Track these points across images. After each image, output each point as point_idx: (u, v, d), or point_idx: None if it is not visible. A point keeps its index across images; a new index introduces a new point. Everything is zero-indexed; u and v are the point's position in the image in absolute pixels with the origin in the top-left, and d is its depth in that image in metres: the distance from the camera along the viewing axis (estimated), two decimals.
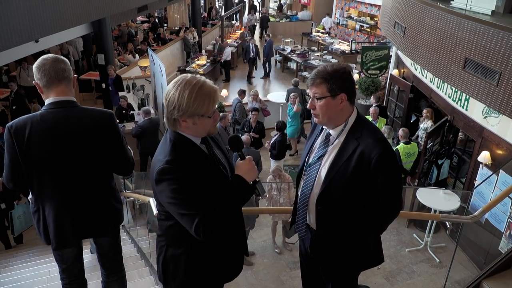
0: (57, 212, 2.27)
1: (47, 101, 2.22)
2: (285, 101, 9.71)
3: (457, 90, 5.90)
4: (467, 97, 5.79)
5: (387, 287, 4.93)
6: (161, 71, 8.59)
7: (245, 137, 6.85)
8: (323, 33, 17.76)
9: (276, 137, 7.62)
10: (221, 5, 23.53)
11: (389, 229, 6.06)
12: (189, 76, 1.74)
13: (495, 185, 5.08)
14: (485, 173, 5.44)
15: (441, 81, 6.48)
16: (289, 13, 21.97)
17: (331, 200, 1.99)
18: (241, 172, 1.81)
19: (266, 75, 14.42)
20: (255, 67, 14.51)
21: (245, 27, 17.15)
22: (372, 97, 9.17)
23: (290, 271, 5.17)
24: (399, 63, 9.31)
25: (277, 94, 10.90)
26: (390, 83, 9.39)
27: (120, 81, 9.83)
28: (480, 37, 4.25)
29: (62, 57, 2.26)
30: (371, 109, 8.07)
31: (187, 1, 17.96)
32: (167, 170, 1.67)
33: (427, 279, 5.13)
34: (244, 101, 9.25)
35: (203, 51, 15.28)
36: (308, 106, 2.00)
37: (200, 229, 1.66)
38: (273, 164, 7.69)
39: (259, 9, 23.32)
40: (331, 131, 2.01)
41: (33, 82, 2.24)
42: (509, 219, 4.85)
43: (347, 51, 14.81)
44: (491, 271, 3.00)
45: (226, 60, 13.53)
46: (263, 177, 7.23)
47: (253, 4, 22.57)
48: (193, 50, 14.98)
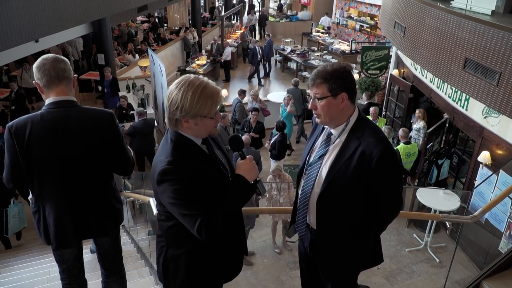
0: (57, 212, 2.27)
1: (47, 101, 2.22)
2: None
3: (457, 90, 5.90)
4: (467, 97, 5.79)
5: (387, 287, 4.93)
6: (161, 71, 8.60)
7: (245, 137, 6.85)
8: (323, 33, 17.76)
9: (276, 137, 7.62)
10: (221, 5, 23.52)
11: (389, 229, 6.10)
12: (192, 76, 1.73)
13: (495, 185, 5.08)
14: (485, 173, 5.44)
15: (441, 81, 6.48)
16: (289, 13, 21.98)
17: (331, 199, 1.99)
18: (242, 171, 1.81)
19: (266, 75, 14.42)
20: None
21: (245, 27, 17.13)
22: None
23: (290, 271, 5.16)
24: (399, 63, 9.31)
25: (277, 94, 10.91)
26: (390, 83, 9.39)
27: (116, 84, 9.68)
28: (480, 37, 4.25)
29: (62, 57, 2.26)
30: (371, 109, 8.06)
31: (187, 1, 17.96)
32: (169, 170, 1.67)
33: (427, 279, 5.13)
34: (244, 101, 9.25)
35: (203, 51, 15.28)
36: (309, 106, 1.99)
37: (202, 229, 1.66)
38: (273, 164, 7.69)
39: (259, 8, 23.31)
40: (333, 131, 2.01)
41: (33, 82, 2.24)
42: (509, 219, 4.85)
43: (347, 51, 14.82)
44: (491, 271, 3.00)
45: (226, 60, 13.54)
46: (263, 177, 7.23)
47: (252, 3, 22.52)
48: (193, 50, 14.99)
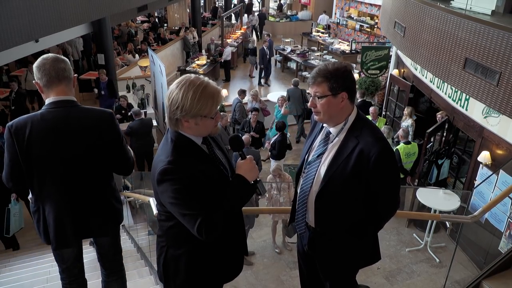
0: (57, 212, 2.27)
1: (47, 101, 2.22)
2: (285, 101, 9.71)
3: (457, 90, 5.90)
4: (467, 97, 5.79)
5: (387, 287, 4.93)
6: (161, 71, 8.60)
7: (245, 137, 6.86)
8: (323, 33, 17.76)
9: (276, 137, 7.63)
10: (221, 4, 23.52)
11: (389, 229, 6.11)
12: (192, 76, 1.73)
13: (495, 185, 5.08)
14: (485, 173, 5.44)
15: (441, 81, 6.48)
16: (289, 13, 21.98)
17: (330, 197, 2.00)
18: (242, 171, 1.81)
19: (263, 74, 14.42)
20: (256, 66, 14.51)
21: (248, 27, 17.13)
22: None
23: (290, 271, 5.16)
24: (399, 63, 9.31)
25: (277, 94, 10.88)
26: (390, 83, 9.39)
27: (112, 86, 9.52)
28: (480, 37, 4.25)
29: (62, 57, 2.26)
30: (371, 109, 8.07)
31: (187, 1, 17.95)
32: (169, 170, 1.67)
33: (427, 279, 5.13)
34: (244, 101, 9.25)
35: (203, 51, 15.28)
36: (309, 104, 2.00)
37: (202, 229, 1.66)
38: (273, 164, 7.69)
39: (259, 8, 23.30)
40: (331, 129, 2.01)
41: (33, 81, 2.24)
42: (509, 219, 4.85)
43: (347, 51, 14.83)
44: (491, 271, 3.01)
45: (226, 60, 13.53)
46: (263, 176, 7.23)
47: (251, 2, 22.44)
48: (193, 50, 14.99)
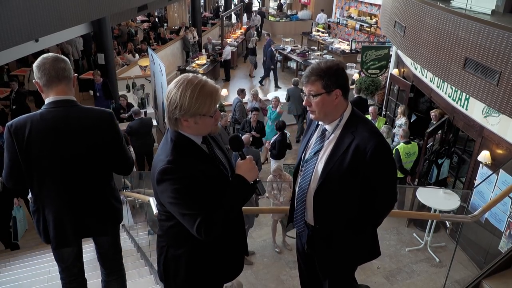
0: (57, 211, 2.27)
1: (47, 100, 2.22)
2: (285, 101, 9.71)
3: (457, 89, 5.90)
4: (467, 96, 5.79)
5: (387, 286, 4.93)
6: (161, 70, 8.60)
7: (245, 137, 6.85)
8: (323, 32, 17.76)
9: (276, 136, 7.63)
10: (221, 4, 23.50)
11: (389, 228, 6.11)
12: (190, 75, 1.74)
13: (495, 185, 5.08)
14: (485, 173, 5.44)
15: (441, 80, 6.48)
16: (289, 13, 21.96)
17: (328, 194, 2.01)
18: (242, 171, 1.81)
19: (266, 75, 14.40)
20: (256, 65, 14.50)
21: (252, 27, 17.17)
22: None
23: (290, 271, 5.16)
24: (399, 63, 9.30)
25: (277, 93, 10.91)
26: (390, 83, 9.38)
27: (107, 87, 9.39)
28: (480, 37, 4.25)
29: (62, 56, 2.26)
30: (371, 108, 8.08)
31: (187, 0, 17.95)
32: (169, 170, 1.67)
33: (427, 279, 5.13)
34: (244, 101, 9.25)
35: (203, 51, 15.28)
36: (304, 103, 2.03)
37: (202, 229, 1.66)
38: (273, 163, 7.69)
39: (259, 7, 23.27)
40: (327, 126, 2.04)
41: (33, 81, 2.24)
42: (509, 219, 4.85)
43: (347, 51, 14.81)
44: (491, 270, 3.00)
45: (226, 59, 13.51)
46: (264, 176, 7.22)
47: (250, 2, 22.40)
48: (192, 49, 14.98)
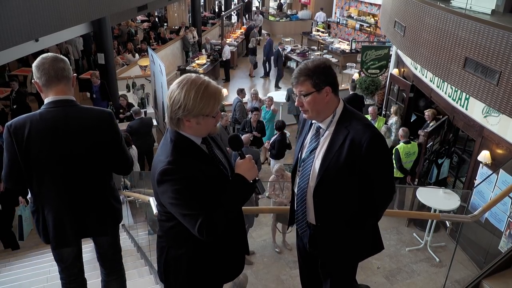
0: (56, 211, 2.27)
1: (46, 100, 2.22)
2: (285, 100, 9.71)
3: (457, 89, 5.90)
4: (467, 96, 5.79)
5: (387, 286, 4.93)
6: (161, 70, 8.60)
7: (244, 137, 6.85)
8: (323, 32, 17.76)
9: (275, 136, 7.62)
10: (221, 4, 23.51)
11: (389, 228, 6.11)
12: (194, 76, 1.74)
13: (495, 185, 5.08)
14: (485, 173, 5.44)
15: (441, 80, 6.47)
16: (289, 12, 21.96)
17: (327, 190, 2.02)
18: (242, 171, 1.81)
19: (266, 75, 14.42)
20: (256, 65, 14.50)
21: (256, 27, 17.21)
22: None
23: (290, 270, 5.16)
24: (399, 63, 9.30)
25: (277, 93, 10.91)
26: (390, 83, 9.38)
27: (105, 89, 9.28)
28: (480, 37, 4.24)
29: (61, 56, 2.26)
30: (370, 109, 8.08)
31: (187, 0, 17.95)
32: (169, 171, 1.67)
33: (427, 279, 5.13)
34: (244, 100, 9.25)
35: (203, 51, 15.28)
36: (295, 103, 2.05)
37: (203, 229, 1.66)
38: (273, 163, 7.68)
39: (259, 7, 23.27)
40: (321, 124, 2.06)
41: (32, 81, 2.24)
42: (509, 219, 4.84)
43: (347, 50, 14.81)
44: (491, 270, 3.00)
45: (225, 59, 13.47)
46: (264, 176, 7.22)
47: (250, 1, 22.38)
48: (192, 49, 14.98)
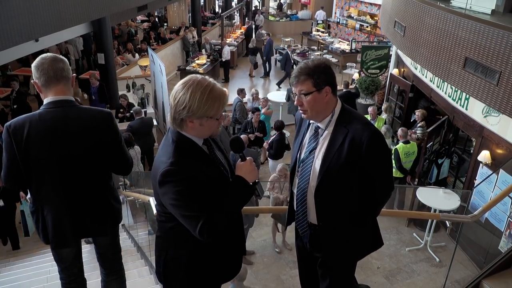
0: (56, 211, 2.27)
1: (45, 101, 2.22)
2: (285, 100, 9.71)
3: (457, 89, 5.90)
4: (467, 96, 5.78)
5: (387, 286, 4.93)
6: (161, 70, 8.60)
7: (243, 137, 6.85)
8: (323, 32, 17.76)
9: (274, 136, 7.62)
10: (221, 4, 23.50)
11: (389, 228, 6.11)
12: (199, 77, 1.74)
13: (495, 185, 5.08)
14: (485, 173, 5.43)
15: (441, 80, 6.47)
16: (289, 12, 21.96)
17: (328, 190, 2.02)
18: (242, 173, 1.81)
19: (266, 75, 14.41)
20: (256, 65, 14.49)
21: (261, 27, 17.22)
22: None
23: (290, 270, 5.16)
24: (399, 63, 9.30)
25: (277, 93, 10.91)
26: (390, 83, 9.38)
27: (103, 90, 9.23)
28: (480, 36, 4.24)
29: (61, 56, 2.25)
30: (370, 109, 8.08)
31: (187, 0, 17.95)
32: (171, 172, 1.67)
33: (427, 279, 5.13)
34: (244, 100, 9.24)
35: (203, 51, 15.28)
36: (295, 103, 2.04)
37: (204, 230, 1.66)
38: (271, 164, 7.68)
39: (259, 7, 23.26)
40: (319, 124, 2.05)
41: (32, 81, 2.23)
42: (509, 219, 4.84)
43: (347, 51, 14.81)
44: (491, 270, 3.00)
45: (225, 59, 13.42)
46: (263, 177, 7.22)
47: (249, 1, 22.37)
48: (192, 49, 14.97)
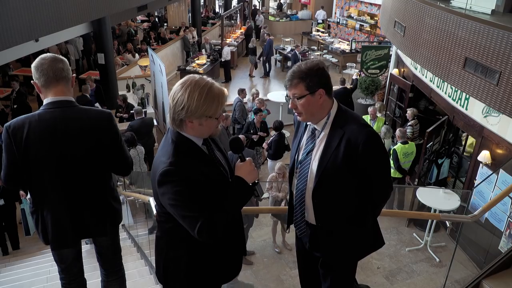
0: (55, 212, 2.27)
1: (45, 101, 2.21)
2: (285, 100, 9.70)
3: (457, 89, 5.89)
4: (467, 96, 5.78)
5: (387, 286, 4.93)
6: (161, 70, 8.60)
7: (242, 137, 6.83)
8: (323, 32, 17.76)
9: (273, 136, 7.62)
10: (221, 4, 23.49)
11: (389, 228, 6.11)
12: (197, 77, 1.73)
13: (495, 185, 5.08)
14: (485, 173, 5.43)
15: (441, 80, 6.47)
16: (289, 12, 21.96)
17: (326, 191, 2.02)
18: (242, 173, 1.81)
19: (266, 75, 14.42)
20: (256, 65, 14.50)
21: (265, 27, 17.21)
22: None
23: (290, 271, 5.16)
24: (399, 63, 9.30)
25: (277, 93, 10.90)
26: (390, 83, 9.38)
27: (100, 93, 9.30)
28: (480, 37, 4.24)
29: (60, 57, 2.25)
30: (370, 109, 8.07)
31: (187, 0, 17.94)
32: (171, 172, 1.66)
33: (427, 279, 5.13)
34: (244, 100, 9.24)
35: (203, 51, 15.28)
36: (289, 106, 2.03)
37: (203, 231, 1.65)
38: (270, 164, 7.67)
39: (259, 7, 23.25)
40: (316, 126, 2.05)
41: (31, 81, 2.23)
42: (509, 219, 4.84)
43: (347, 51, 14.81)
44: (491, 270, 2.99)
45: (225, 60, 13.42)
46: (262, 177, 7.21)
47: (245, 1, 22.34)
48: (192, 49, 14.97)
